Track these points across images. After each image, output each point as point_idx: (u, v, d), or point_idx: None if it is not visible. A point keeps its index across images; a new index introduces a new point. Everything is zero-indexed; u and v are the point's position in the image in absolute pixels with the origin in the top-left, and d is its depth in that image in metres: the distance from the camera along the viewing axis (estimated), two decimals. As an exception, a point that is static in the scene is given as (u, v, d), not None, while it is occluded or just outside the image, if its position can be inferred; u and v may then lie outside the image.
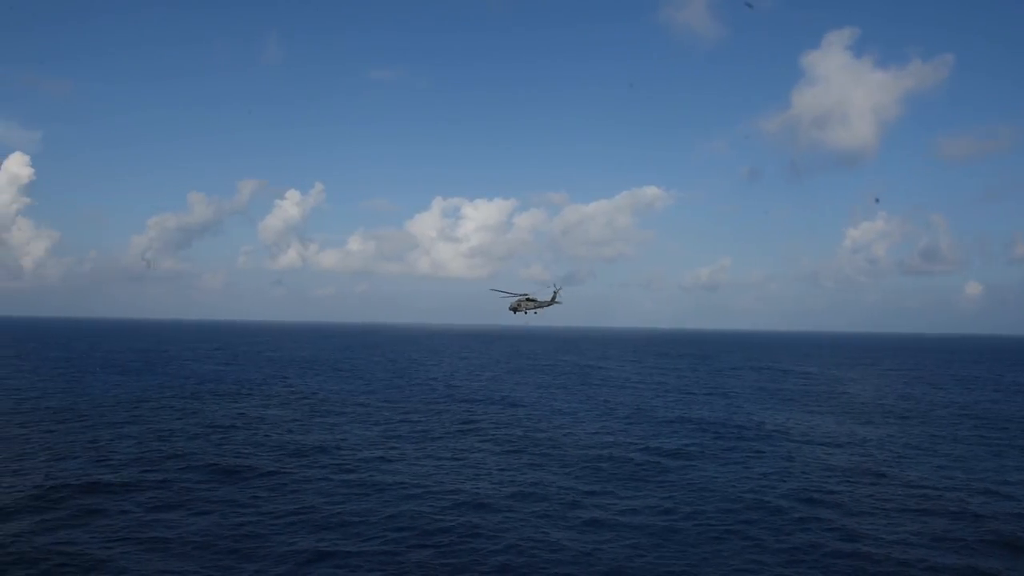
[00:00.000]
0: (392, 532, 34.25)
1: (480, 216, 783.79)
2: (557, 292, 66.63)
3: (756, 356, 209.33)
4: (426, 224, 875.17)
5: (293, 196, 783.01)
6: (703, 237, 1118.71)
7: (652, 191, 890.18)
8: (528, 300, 66.32)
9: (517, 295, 65.79)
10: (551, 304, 66.83)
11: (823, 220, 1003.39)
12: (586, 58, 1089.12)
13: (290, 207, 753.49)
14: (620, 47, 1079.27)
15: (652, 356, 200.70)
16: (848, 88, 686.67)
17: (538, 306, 66.72)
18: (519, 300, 66.44)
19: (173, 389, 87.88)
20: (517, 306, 66.82)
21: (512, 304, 66.88)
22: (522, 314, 66.67)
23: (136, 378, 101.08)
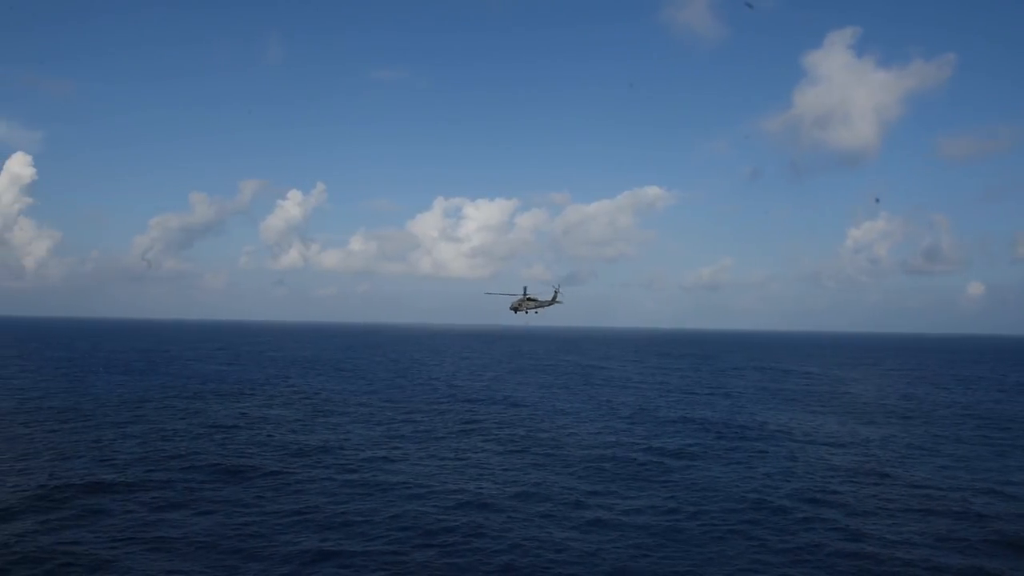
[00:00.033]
0: (396, 532, 34.30)
1: (482, 216, 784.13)
2: (557, 292, 66.79)
3: (758, 356, 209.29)
4: (428, 224, 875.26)
5: (295, 196, 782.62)
6: (704, 237, 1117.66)
7: (653, 191, 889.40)
8: (529, 300, 66.46)
9: (515, 296, 65.90)
10: (551, 304, 66.99)
11: (824, 220, 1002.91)
12: (588, 58, 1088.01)
13: (292, 207, 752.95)
14: (621, 47, 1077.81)
15: (654, 356, 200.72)
16: (850, 88, 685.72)
17: (539, 306, 66.88)
18: (520, 300, 66.58)
19: (176, 389, 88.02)
20: (518, 306, 66.98)
21: (513, 304, 67.02)
22: (523, 314, 66.80)
23: (139, 378, 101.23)
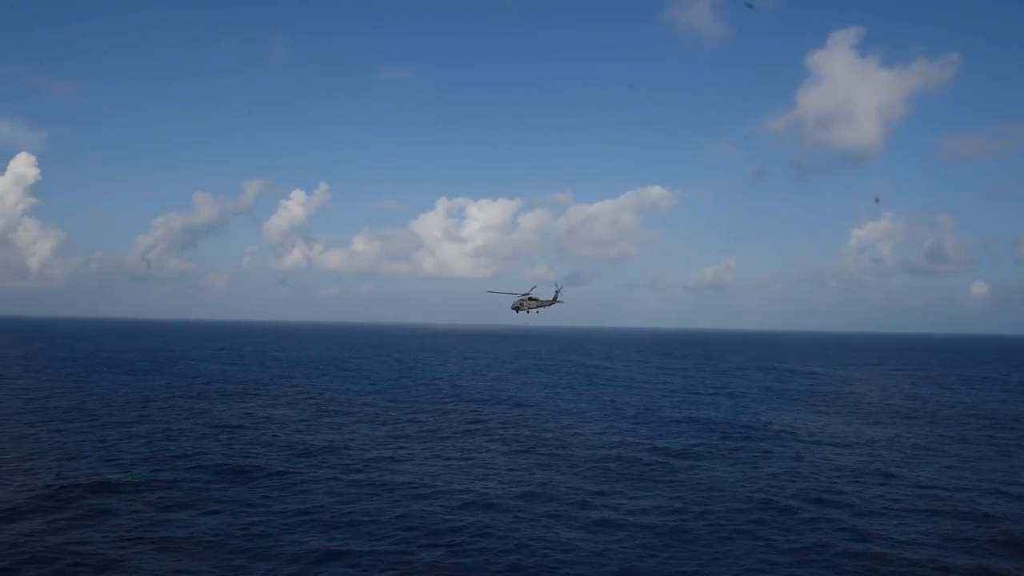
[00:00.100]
0: (403, 532, 34.36)
1: (485, 216, 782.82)
2: (559, 291, 66.76)
3: (762, 356, 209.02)
4: (431, 224, 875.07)
5: (298, 196, 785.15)
6: (708, 237, 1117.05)
7: (657, 191, 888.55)
8: (530, 299, 66.42)
9: (516, 295, 65.87)
10: (553, 303, 66.95)
11: (828, 220, 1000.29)
12: (591, 58, 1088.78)
13: (295, 207, 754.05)
14: (624, 47, 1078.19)
15: (658, 356, 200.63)
16: (853, 88, 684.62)
17: (540, 305, 66.82)
18: (521, 299, 66.55)
19: (180, 389, 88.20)
20: (520, 305, 66.90)
21: (515, 303, 66.99)
22: (524, 313, 66.77)
23: (143, 378, 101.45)
